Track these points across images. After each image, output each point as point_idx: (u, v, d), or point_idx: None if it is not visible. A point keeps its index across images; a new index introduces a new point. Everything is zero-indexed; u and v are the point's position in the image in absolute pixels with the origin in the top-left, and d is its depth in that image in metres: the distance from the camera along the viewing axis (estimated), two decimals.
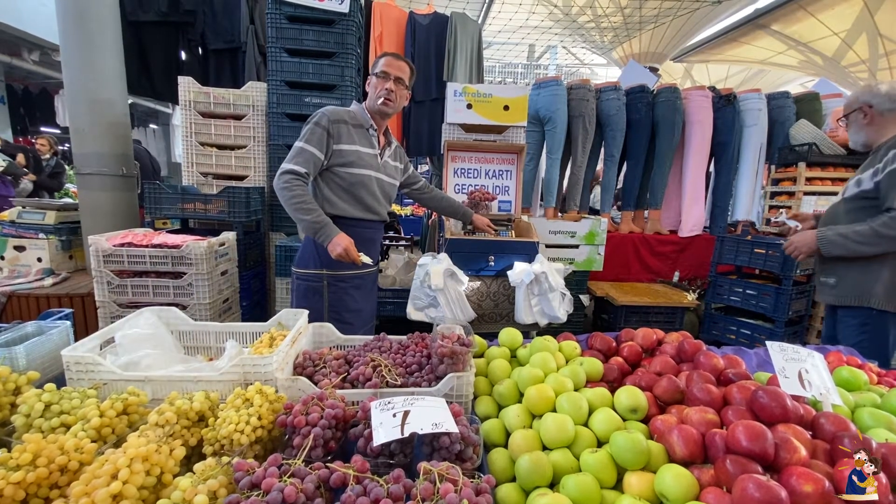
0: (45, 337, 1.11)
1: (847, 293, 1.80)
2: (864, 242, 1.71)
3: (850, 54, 10.73)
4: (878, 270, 1.74)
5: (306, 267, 1.84)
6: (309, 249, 1.84)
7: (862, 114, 1.78)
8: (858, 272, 1.77)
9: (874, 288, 1.74)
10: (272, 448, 0.89)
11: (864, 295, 1.76)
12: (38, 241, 2.68)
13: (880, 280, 1.74)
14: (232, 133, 2.68)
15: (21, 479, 0.67)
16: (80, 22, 2.58)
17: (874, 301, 1.75)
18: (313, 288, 1.83)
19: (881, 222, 1.67)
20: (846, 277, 1.81)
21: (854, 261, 1.77)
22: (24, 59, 7.59)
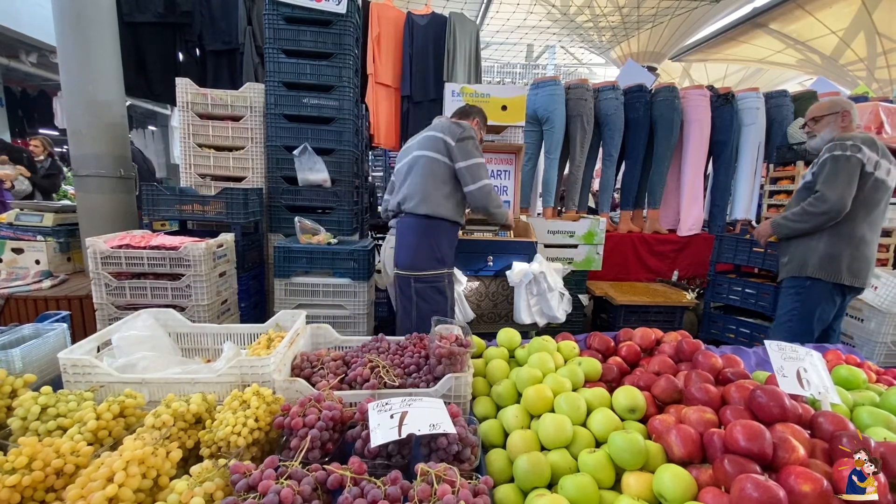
0: (41, 339, 1.10)
1: (793, 266, 2.14)
2: (798, 220, 2.08)
3: (849, 53, 10.74)
4: (815, 246, 2.07)
5: (430, 269, 2.03)
6: (429, 251, 2.03)
7: (841, 118, 2.08)
8: (801, 248, 2.11)
9: (811, 259, 2.07)
10: (269, 450, 0.89)
11: (803, 266, 2.09)
12: (37, 243, 2.67)
13: (816, 252, 2.06)
14: (230, 134, 2.67)
15: (17, 483, 0.67)
16: (77, 23, 2.57)
17: (810, 270, 2.07)
18: (437, 288, 2.05)
19: (808, 202, 2.04)
20: (794, 254, 2.14)
21: (800, 239, 2.12)
22: (22, 61, 7.58)
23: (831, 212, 1.97)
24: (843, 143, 1.98)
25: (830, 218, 1.99)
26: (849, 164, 1.95)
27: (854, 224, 2.04)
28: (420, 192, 2.01)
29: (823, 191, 1.98)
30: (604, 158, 3.86)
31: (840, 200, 1.95)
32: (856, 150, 1.96)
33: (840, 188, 1.95)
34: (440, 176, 2.02)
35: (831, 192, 1.96)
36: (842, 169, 1.95)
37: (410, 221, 2.05)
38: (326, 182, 2.69)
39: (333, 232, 2.50)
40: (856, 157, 1.95)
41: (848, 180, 1.95)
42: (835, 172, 1.97)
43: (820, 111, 2.15)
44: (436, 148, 2.02)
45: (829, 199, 1.96)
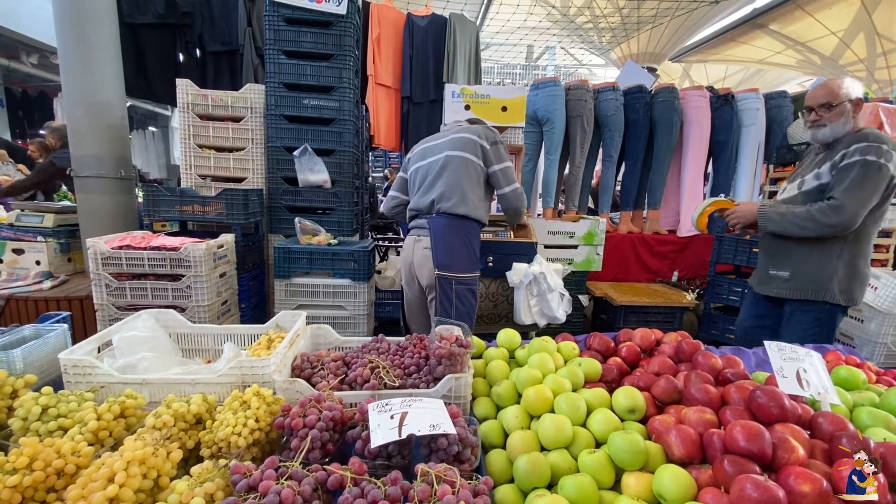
0: (42, 340, 1.10)
1: (804, 287, 1.81)
2: (798, 224, 1.75)
3: (848, 53, 10.74)
4: (834, 265, 1.76)
5: (469, 271, 2.04)
6: (466, 252, 2.04)
7: (856, 107, 1.77)
8: (815, 266, 1.79)
9: (831, 283, 1.76)
10: (270, 450, 0.89)
11: (822, 290, 1.78)
12: (37, 243, 2.67)
13: (836, 275, 1.76)
14: (230, 135, 2.67)
15: (17, 483, 0.67)
16: (78, 24, 2.58)
17: (830, 296, 1.76)
18: (472, 291, 2.07)
19: (818, 207, 1.71)
20: (802, 271, 1.82)
21: (808, 256, 1.80)
22: (22, 62, 7.59)
23: (841, 227, 1.68)
24: (880, 147, 1.65)
25: (837, 233, 1.71)
26: (879, 176, 1.65)
27: (870, 241, 1.80)
28: (458, 192, 2.00)
29: (844, 201, 1.66)
30: (604, 159, 3.87)
31: (856, 217, 1.67)
32: (889, 159, 1.65)
33: (862, 202, 1.66)
34: (474, 177, 2.04)
35: (851, 205, 1.65)
36: (871, 180, 1.65)
37: (448, 222, 2.02)
38: (326, 183, 2.69)
39: (333, 233, 2.51)
40: (888, 167, 1.65)
41: (872, 194, 1.66)
42: (862, 182, 1.65)
43: (835, 97, 1.76)
44: (472, 150, 2.03)
45: (845, 213, 1.66)
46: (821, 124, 1.80)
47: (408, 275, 2.21)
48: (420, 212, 2.13)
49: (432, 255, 2.04)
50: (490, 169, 2.07)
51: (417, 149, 2.24)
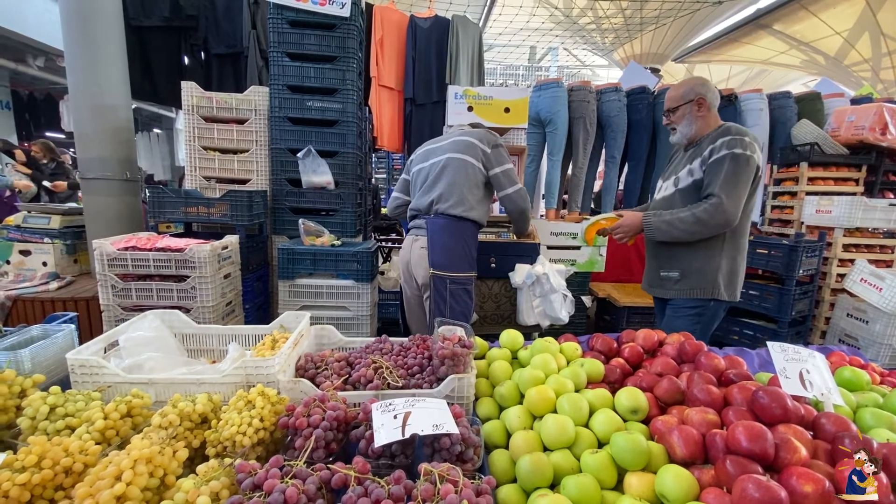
0: (49, 340, 1.12)
1: (693, 286, 1.83)
2: (685, 229, 1.75)
3: (853, 53, 10.70)
4: (718, 262, 1.79)
5: (464, 270, 2.07)
6: (462, 252, 2.06)
7: (697, 106, 1.81)
8: (701, 264, 1.80)
9: (717, 280, 1.79)
10: (274, 450, 0.90)
11: (709, 287, 1.80)
12: (44, 245, 2.70)
13: (720, 271, 1.79)
14: (234, 137, 2.69)
15: (26, 481, 0.68)
16: (84, 27, 2.61)
17: (717, 292, 1.79)
18: (467, 290, 2.09)
19: (702, 209, 1.71)
20: (690, 270, 1.83)
21: (695, 254, 1.81)
22: (29, 64, 7.66)
23: (726, 224, 1.70)
24: (743, 139, 1.69)
25: (722, 231, 1.73)
26: (748, 168, 1.68)
27: (745, 235, 1.84)
28: (457, 193, 2.04)
29: (723, 199, 1.66)
30: (606, 160, 3.87)
31: (737, 212, 1.69)
32: (753, 150, 1.70)
33: (740, 197, 1.69)
34: (473, 179, 2.07)
35: (730, 202, 1.67)
36: (742, 172, 1.68)
37: (445, 222, 2.06)
38: (330, 184, 2.70)
39: (337, 234, 2.52)
40: (754, 157, 1.69)
41: (745, 186, 1.69)
42: (735, 177, 1.67)
43: (673, 101, 1.87)
44: (472, 153, 2.07)
45: (728, 210, 1.67)
46: (672, 128, 1.91)
47: (406, 273, 2.26)
48: (419, 212, 2.17)
49: (428, 254, 2.08)
50: (491, 172, 2.10)
51: (420, 151, 2.28)
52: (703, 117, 1.82)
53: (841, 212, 3.00)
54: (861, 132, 3.23)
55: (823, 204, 3.13)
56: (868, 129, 3.20)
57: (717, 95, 1.83)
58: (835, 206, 3.04)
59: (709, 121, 1.83)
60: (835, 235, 3.08)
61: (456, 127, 2.26)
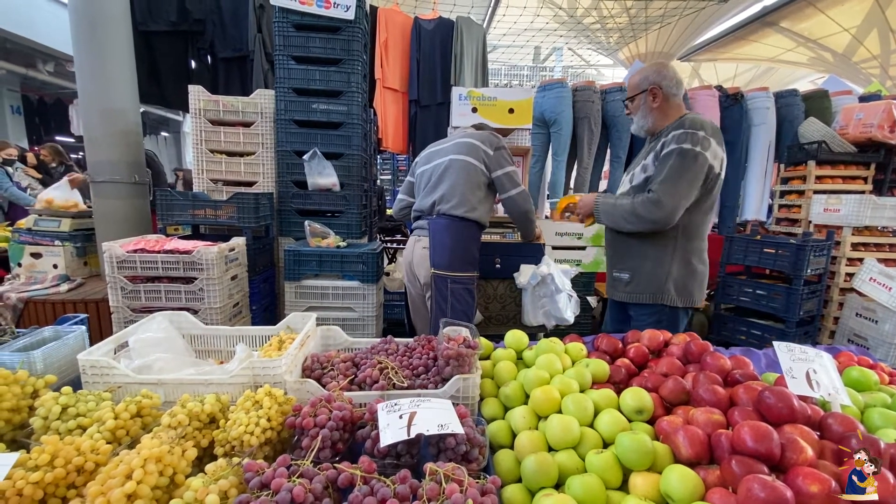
0: (61, 342, 1.13)
1: (642, 290, 1.76)
2: (625, 218, 1.70)
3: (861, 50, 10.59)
4: (669, 266, 1.71)
5: (465, 270, 2.07)
6: (463, 252, 2.07)
7: (651, 96, 1.71)
8: (651, 266, 1.73)
9: (666, 284, 1.72)
10: (281, 449, 0.91)
11: (659, 292, 1.73)
12: (54, 247, 2.73)
13: (671, 277, 1.71)
14: (241, 140, 2.71)
15: (39, 479, 0.69)
16: (93, 32, 2.64)
17: (667, 298, 1.72)
18: (469, 290, 2.09)
19: (640, 201, 1.65)
20: (640, 273, 1.76)
21: (645, 255, 1.74)
22: (39, 70, 7.78)
23: (662, 222, 1.62)
24: (695, 133, 1.58)
25: (659, 227, 1.65)
26: (696, 166, 1.58)
27: (702, 237, 1.75)
28: (458, 194, 2.05)
29: (661, 195, 1.59)
30: (612, 160, 3.86)
31: (675, 211, 1.60)
32: (706, 146, 1.58)
33: (680, 196, 1.59)
34: (475, 180, 2.08)
35: (668, 199, 1.58)
36: (687, 170, 1.58)
37: (447, 223, 2.08)
38: (335, 186, 2.71)
39: (342, 235, 2.53)
40: (704, 155, 1.58)
41: (690, 186, 1.59)
42: (678, 173, 1.58)
43: (630, 90, 1.78)
44: (474, 154, 2.08)
45: (664, 208, 1.59)
46: (631, 118, 1.83)
47: (409, 273, 2.28)
48: (422, 213, 2.20)
49: (430, 254, 2.11)
50: (494, 174, 2.11)
51: (424, 153, 2.31)
52: (658, 108, 1.72)
53: (849, 210, 2.97)
54: (870, 130, 3.20)
55: (832, 202, 3.10)
56: (877, 126, 3.16)
57: (676, 83, 1.71)
58: (843, 205, 3.01)
59: (667, 111, 1.72)
60: (843, 234, 3.05)
61: (460, 129, 2.29)
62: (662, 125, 1.73)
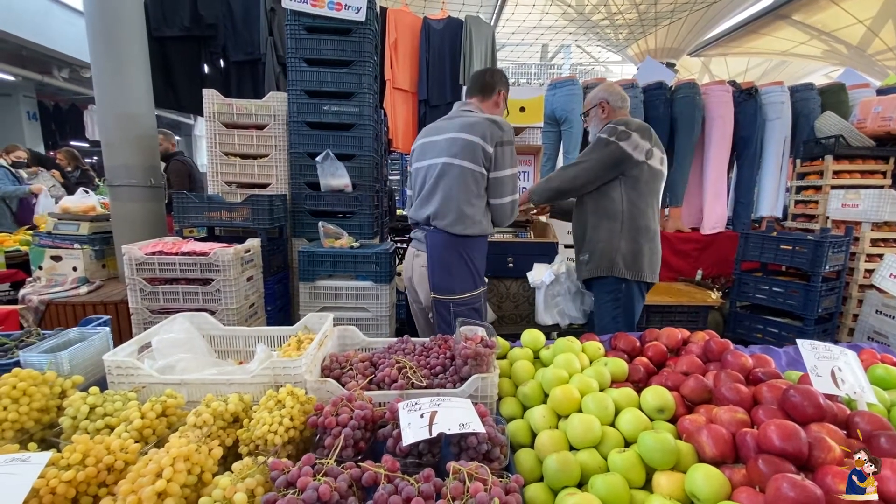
0: (87, 343, 1.16)
1: (598, 265, 2.01)
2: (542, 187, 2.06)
3: (877, 42, 10.39)
4: (617, 243, 1.97)
5: (469, 290, 1.87)
6: (466, 272, 1.87)
7: (601, 109, 2.05)
8: (604, 246, 1.99)
9: (616, 259, 1.97)
10: (304, 448, 0.91)
11: (610, 265, 1.98)
12: (74, 250, 2.79)
13: (619, 252, 1.97)
14: (254, 143, 2.74)
15: (72, 478, 0.71)
16: (109, 39, 2.69)
17: (617, 270, 1.97)
18: (474, 309, 1.89)
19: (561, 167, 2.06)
20: (595, 251, 2.02)
21: (599, 236, 2.00)
22: (54, 76, 7.92)
23: (567, 183, 1.98)
24: (615, 127, 1.92)
25: (571, 190, 2.01)
26: (606, 150, 1.90)
27: (647, 217, 1.99)
28: (454, 210, 1.79)
29: (570, 165, 2.00)
30: None
31: (577, 179, 1.96)
32: (624, 138, 1.88)
33: (587, 170, 1.94)
34: (473, 191, 1.80)
35: (575, 168, 1.97)
36: (597, 151, 1.93)
37: (445, 239, 1.84)
38: (348, 187, 2.73)
39: (355, 236, 2.54)
40: (618, 144, 1.88)
41: (598, 165, 1.92)
42: (590, 152, 1.96)
43: (586, 105, 2.14)
44: (471, 157, 1.77)
45: (569, 173, 1.97)
46: (587, 129, 2.17)
47: (410, 290, 2.10)
48: (418, 223, 1.97)
49: (428, 275, 1.89)
50: (491, 175, 1.81)
51: (418, 143, 2.00)
52: (605, 119, 2.04)
53: (868, 205, 2.92)
54: (888, 123, 3.13)
55: (850, 198, 3.05)
56: (895, 121, 3.10)
57: (621, 98, 2.06)
58: (862, 200, 2.96)
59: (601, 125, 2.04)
60: (862, 230, 2.99)
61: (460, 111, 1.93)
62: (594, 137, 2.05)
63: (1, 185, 4.56)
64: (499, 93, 1.95)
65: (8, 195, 4.61)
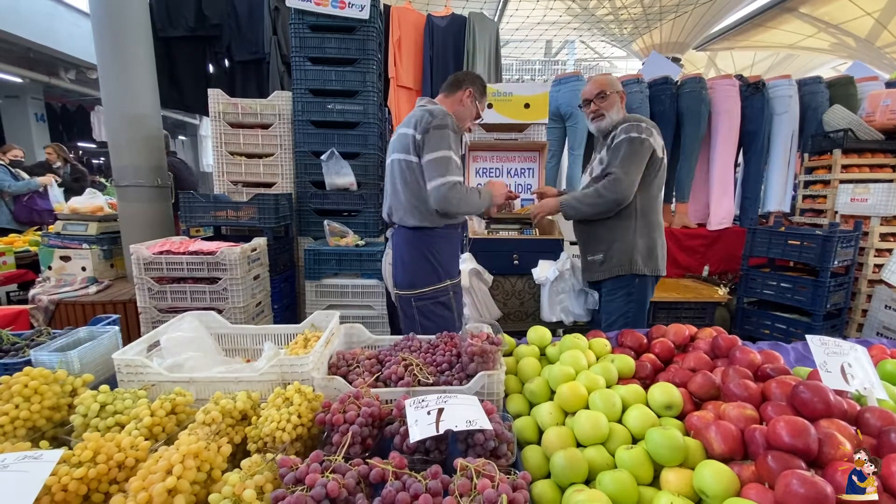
0: (96, 342, 1.17)
1: (615, 265, 1.98)
2: (591, 204, 1.93)
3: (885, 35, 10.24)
4: (633, 240, 1.95)
5: (430, 284, 1.83)
6: (427, 265, 1.83)
7: (620, 98, 2.00)
8: (620, 244, 1.97)
9: (635, 256, 1.95)
10: (311, 445, 0.92)
11: (629, 263, 1.95)
12: (82, 251, 2.82)
13: (637, 249, 1.95)
14: (260, 142, 2.75)
15: (83, 475, 0.72)
16: (115, 40, 2.70)
17: (636, 267, 1.95)
18: (441, 303, 1.86)
19: (602, 184, 1.90)
20: (611, 251, 1.99)
21: (612, 236, 1.98)
22: (61, 78, 7.97)
23: (623, 196, 1.88)
24: (639, 125, 1.89)
25: (619, 204, 1.91)
26: (642, 149, 1.88)
27: (656, 211, 2.01)
28: (403, 202, 1.80)
29: (619, 174, 1.86)
30: None
31: (631, 187, 1.88)
32: (649, 134, 1.89)
33: (634, 174, 1.88)
34: (412, 180, 1.78)
35: (625, 176, 1.87)
36: (636, 153, 1.87)
37: (404, 233, 1.86)
38: (353, 185, 2.74)
39: (360, 234, 2.55)
40: (649, 141, 1.88)
41: (638, 165, 1.89)
42: (630, 156, 1.87)
43: (606, 87, 1.99)
44: (405, 147, 1.77)
45: (622, 184, 1.86)
46: (600, 114, 2.01)
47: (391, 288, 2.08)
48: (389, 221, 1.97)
49: (392, 271, 1.93)
50: (421, 160, 1.74)
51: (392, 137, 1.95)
52: (621, 111, 2.01)
53: (878, 200, 2.89)
54: None
55: (859, 192, 3.01)
56: None
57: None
58: (871, 194, 2.92)
59: (620, 112, 2.02)
60: (871, 224, 2.96)
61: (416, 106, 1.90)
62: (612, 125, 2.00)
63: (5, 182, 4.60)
64: (465, 90, 1.88)
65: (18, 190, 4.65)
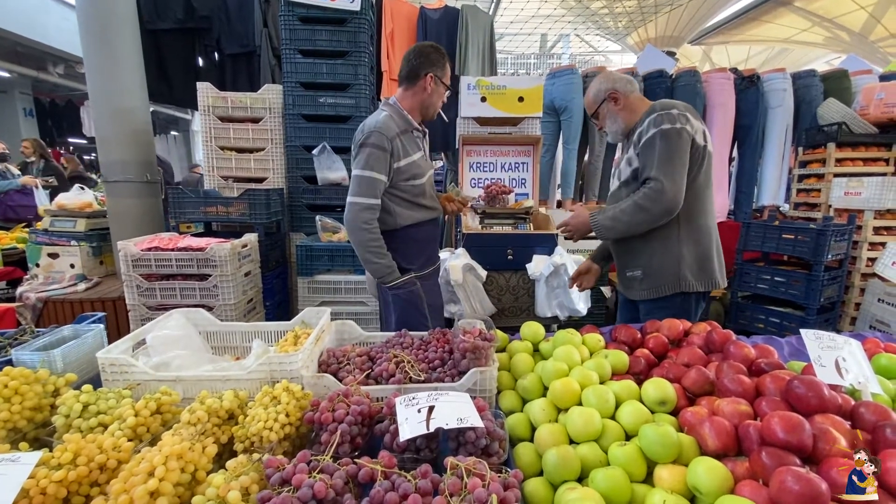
0: (80, 340, 1.14)
1: (659, 283, 1.68)
2: (629, 221, 1.60)
3: (879, 29, 10.27)
4: (677, 251, 1.64)
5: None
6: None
7: (613, 101, 1.71)
8: (661, 257, 1.66)
9: (682, 271, 1.64)
10: (300, 445, 0.90)
11: (675, 280, 1.65)
12: (71, 248, 2.77)
13: (684, 262, 1.64)
14: (250, 136, 2.72)
15: (63, 478, 0.70)
16: (101, 33, 2.65)
17: (686, 284, 1.64)
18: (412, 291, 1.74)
19: (641, 194, 1.57)
20: (651, 266, 1.69)
21: (653, 248, 1.67)
22: (49, 72, 7.86)
23: (671, 207, 1.54)
24: (670, 112, 1.56)
25: (669, 214, 1.56)
26: (681, 141, 1.54)
27: (708, 213, 1.68)
28: None
29: (662, 181, 1.52)
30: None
31: (679, 192, 1.54)
32: (684, 122, 1.55)
33: (678, 175, 1.54)
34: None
35: (669, 183, 1.52)
36: (675, 148, 1.54)
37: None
38: (345, 180, 2.71)
39: None
40: (686, 129, 1.55)
41: (682, 162, 1.55)
42: (668, 154, 1.53)
43: (591, 106, 1.77)
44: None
45: (668, 193, 1.52)
46: (604, 131, 1.80)
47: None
48: None
49: None
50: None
51: None
52: (623, 109, 1.71)
53: (871, 193, 2.89)
54: (891, 110, 3.09)
55: (853, 185, 3.02)
56: None
57: (628, 80, 1.71)
58: (865, 188, 2.93)
59: (633, 107, 1.71)
60: (865, 218, 2.97)
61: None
62: (633, 121, 1.70)
63: None
64: (426, 76, 1.73)
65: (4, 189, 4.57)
